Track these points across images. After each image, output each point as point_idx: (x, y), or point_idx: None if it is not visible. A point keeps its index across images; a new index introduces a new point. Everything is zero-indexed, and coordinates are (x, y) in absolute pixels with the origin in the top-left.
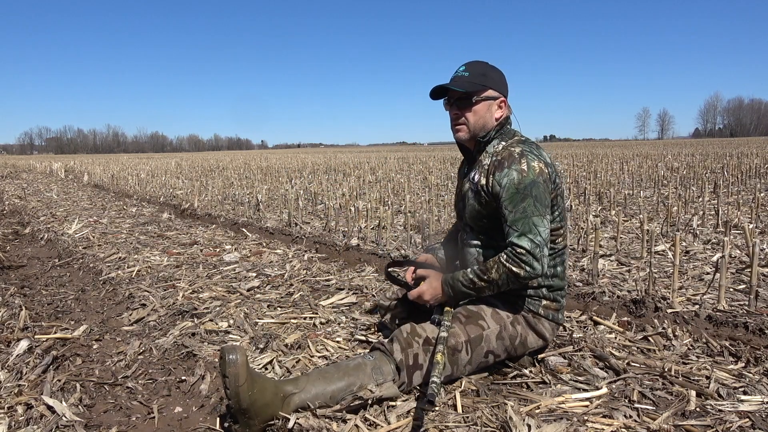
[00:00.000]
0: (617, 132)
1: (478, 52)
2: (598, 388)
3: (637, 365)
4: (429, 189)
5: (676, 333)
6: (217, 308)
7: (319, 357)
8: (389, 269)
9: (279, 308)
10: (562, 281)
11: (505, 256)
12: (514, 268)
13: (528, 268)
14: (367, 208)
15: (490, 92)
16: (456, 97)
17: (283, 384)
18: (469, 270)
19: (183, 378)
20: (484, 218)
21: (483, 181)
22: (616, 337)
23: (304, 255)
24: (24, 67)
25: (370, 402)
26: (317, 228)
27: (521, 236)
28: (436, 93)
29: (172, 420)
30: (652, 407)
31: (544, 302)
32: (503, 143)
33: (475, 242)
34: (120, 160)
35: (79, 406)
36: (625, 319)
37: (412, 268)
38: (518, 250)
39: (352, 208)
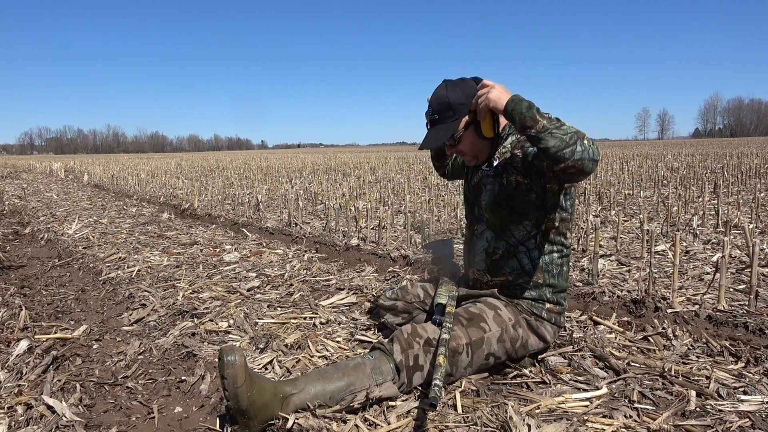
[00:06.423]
0: (617, 132)
1: (478, 51)
2: (598, 388)
3: (637, 365)
4: (429, 189)
5: (676, 333)
6: (217, 308)
7: (319, 357)
8: None
9: (279, 308)
10: (566, 283)
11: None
12: (585, 139)
13: (595, 150)
14: (367, 208)
15: (466, 118)
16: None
17: (282, 384)
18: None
19: (183, 378)
20: (501, 205)
21: (509, 156)
22: (616, 337)
23: (304, 255)
24: (24, 67)
25: (369, 402)
26: (317, 228)
27: None
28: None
29: (172, 420)
30: (652, 407)
31: (548, 305)
32: (522, 138)
33: (488, 233)
34: (120, 160)
35: (79, 406)
36: (625, 319)
37: None
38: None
39: (352, 208)
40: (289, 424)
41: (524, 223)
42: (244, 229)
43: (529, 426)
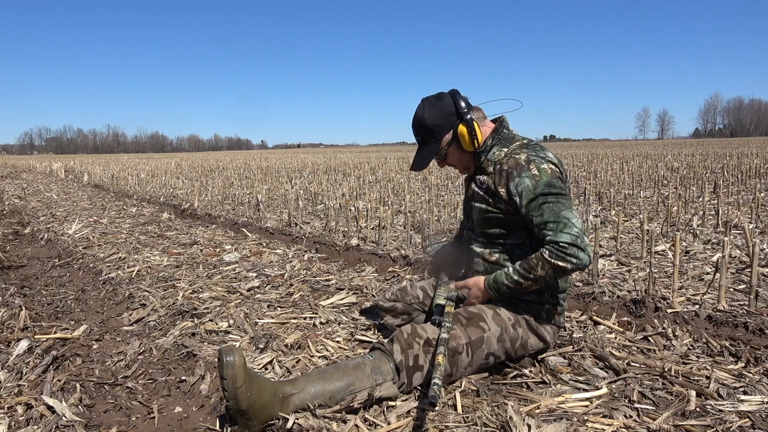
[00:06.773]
0: (617, 132)
1: (477, 50)
2: (598, 388)
3: (637, 365)
4: (429, 189)
5: (676, 333)
6: (217, 308)
7: (319, 357)
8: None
9: (279, 308)
10: (565, 283)
11: (547, 252)
12: (560, 263)
13: (574, 260)
14: (367, 208)
15: (446, 136)
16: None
17: (281, 385)
18: (511, 270)
19: (183, 378)
20: (488, 219)
21: (493, 187)
22: (616, 337)
23: (304, 255)
24: (24, 67)
25: (369, 402)
26: (317, 228)
27: (558, 233)
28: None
29: (172, 420)
30: (652, 407)
31: (547, 306)
32: (504, 149)
33: (483, 238)
34: (120, 160)
35: (79, 406)
36: (625, 319)
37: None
38: (560, 244)
39: (352, 208)
40: (289, 425)
41: (517, 233)
42: (244, 229)
43: (529, 426)
